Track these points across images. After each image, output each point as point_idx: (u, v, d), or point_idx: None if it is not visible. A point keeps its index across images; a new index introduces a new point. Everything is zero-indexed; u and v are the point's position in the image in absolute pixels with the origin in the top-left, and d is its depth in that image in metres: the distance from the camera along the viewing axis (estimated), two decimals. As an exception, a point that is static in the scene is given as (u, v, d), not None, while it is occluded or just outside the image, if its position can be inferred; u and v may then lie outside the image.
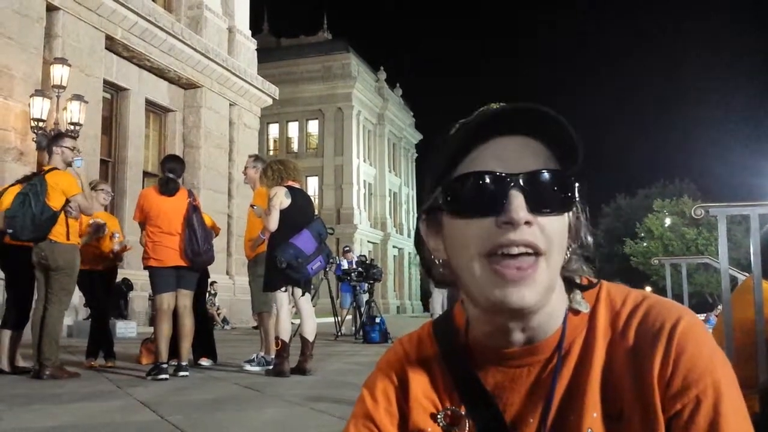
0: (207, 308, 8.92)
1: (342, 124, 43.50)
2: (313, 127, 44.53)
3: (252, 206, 6.42)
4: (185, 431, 3.30)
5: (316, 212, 6.39)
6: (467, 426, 0.86)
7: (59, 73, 11.33)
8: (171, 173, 6.00)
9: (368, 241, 44.24)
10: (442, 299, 11.30)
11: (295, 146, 44.43)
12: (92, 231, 6.27)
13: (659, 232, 44.50)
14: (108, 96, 14.08)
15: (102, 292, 6.61)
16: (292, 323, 6.01)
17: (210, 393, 4.79)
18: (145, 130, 15.28)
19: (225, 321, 15.84)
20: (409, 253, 49.15)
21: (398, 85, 52.00)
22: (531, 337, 0.83)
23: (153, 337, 6.19)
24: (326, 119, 43.71)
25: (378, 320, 10.88)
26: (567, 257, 0.82)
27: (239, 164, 15.92)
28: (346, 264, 12.96)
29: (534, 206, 0.76)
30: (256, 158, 6.91)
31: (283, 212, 5.67)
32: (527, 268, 0.75)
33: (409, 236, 46.31)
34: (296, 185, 5.98)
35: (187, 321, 5.87)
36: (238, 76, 17.49)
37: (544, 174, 0.77)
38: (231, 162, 17.09)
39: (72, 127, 11.20)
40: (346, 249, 14.28)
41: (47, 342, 5.36)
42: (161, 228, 5.80)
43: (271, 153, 42.42)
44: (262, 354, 6.35)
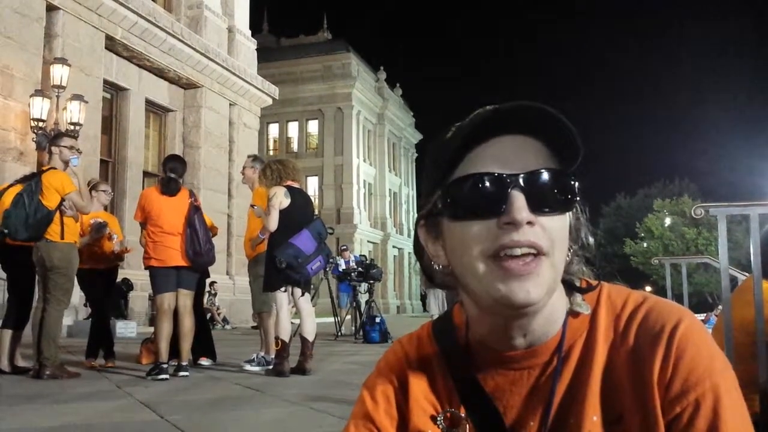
0: (206, 308, 8.94)
1: (342, 124, 43.50)
2: (313, 127, 44.54)
3: (252, 206, 6.42)
4: (185, 431, 3.30)
5: (316, 212, 6.39)
6: (467, 428, 0.86)
7: (59, 73, 11.34)
8: (172, 173, 5.99)
9: (368, 241, 44.24)
10: (439, 300, 11.30)
11: (295, 146, 44.44)
12: (94, 231, 6.27)
13: (659, 232, 44.53)
14: (108, 96, 14.08)
15: (103, 292, 6.61)
16: (292, 323, 6.01)
17: (210, 393, 4.79)
18: (145, 130, 15.28)
19: (225, 321, 15.85)
20: (409, 254, 49.15)
21: (398, 85, 52.02)
22: (531, 340, 0.82)
23: (153, 337, 6.19)
24: (326, 119, 43.71)
25: (378, 320, 10.88)
26: (568, 258, 0.82)
27: (239, 164, 15.88)
28: (344, 264, 12.95)
29: (535, 206, 0.75)
30: (255, 158, 6.91)
31: (283, 212, 5.67)
32: (531, 263, 0.75)
33: (409, 236, 46.31)
34: (296, 185, 5.98)
35: (188, 321, 5.86)
36: (238, 76, 17.49)
37: (545, 173, 0.77)
38: (231, 162, 17.09)
39: (72, 127, 11.21)
40: (343, 248, 14.27)
41: (46, 342, 5.35)
42: (162, 228, 5.79)
43: (271, 153, 42.43)
44: (262, 354, 6.34)
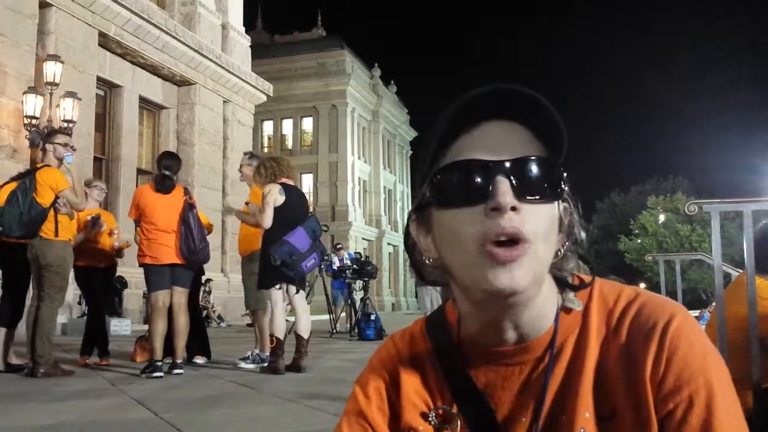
0: (201, 305, 8.92)
1: (336, 121, 43.48)
2: (308, 124, 44.50)
3: (247, 203, 6.42)
4: (180, 429, 3.30)
5: (311, 209, 6.39)
6: (459, 425, 0.86)
7: (52, 70, 11.29)
8: (167, 170, 5.98)
9: (363, 238, 44.24)
10: (432, 297, 11.29)
11: (290, 143, 44.39)
12: (90, 226, 6.25)
13: (653, 229, 44.70)
14: (101, 93, 14.02)
15: (100, 290, 6.59)
16: (287, 320, 6.01)
17: (205, 390, 4.78)
18: (139, 127, 15.23)
19: (220, 318, 15.83)
20: (404, 251, 49.21)
21: (393, 82, 52.00)
22: (522, 335, 0.82)
23: (147, 335, 6.18)
24: (321, 116, 43.67)
25: (373, 317, 10.88)
26: (560, 254, 0.82)
27: (233, 161, 15.92)
28: (338, 262, 12.95)
29: (520, 192, 0.75)
30: (252, 155, 6.89)
31: (278, 209, 5.66)
32: (516, 250, 0.74)
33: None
34: (290, 182, 5.97)
35: (182, 318, 5.86)
36: (232, 73, 17.45)
37: (530, 161, 0.76)
38: (225, 159, 17.06)
39: (65, 125, 11.16)
40: (339, 247, 14.27)
41: (41, 340, 5.34)
42: (157, 225, 5.78)
43: (266, 150, 42.35)
44: (257, 351, 6.34)
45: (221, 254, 16.41)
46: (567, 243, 0.83)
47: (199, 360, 6.59)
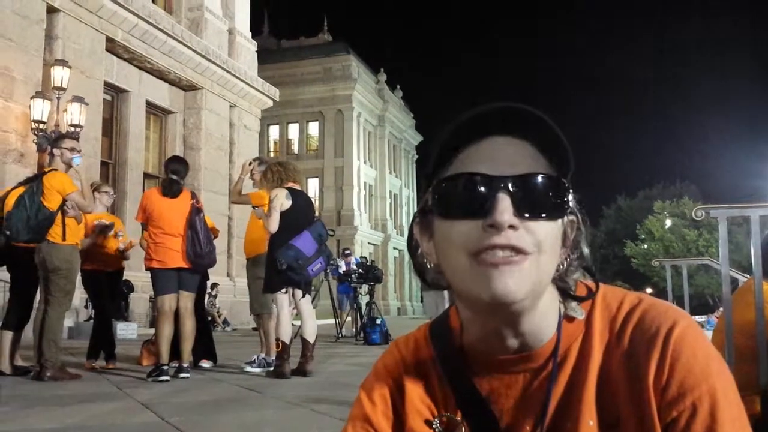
0: (207, 310, 8.94)
1: (342, 126, 43.52)
2: (314, 129, 44.55)
3: (254, 207, 6.43)
4: (186, 433, 3.30)
5: (317, 214, 6.39)
6: None
7: (60, 75, 11.35)
8: (174, 175, 5.99)
9: (369, 243, 44.23)
10: (437, 302, 11.27)
11: (296, 148, 44.45)
12: (97, 231, 6.28)
13: (660, 234, 44.54)
14: (108, 98, 14.10)
15: (107, 294, 6.61)
16: (293, 325, 6.01)
17: (211, 394, 4.78)
18: (146, 132, 15.30)
19: (225, 322, 15.84)
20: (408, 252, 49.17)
21: (399, 87, 52.04)
22: (524, 344, 0.81)
23: (154, 339, 6.19)
24: (326, 121, 43.73)
25: (379, 322, 10.87)
26: (563, 267, 0.81)
27: (240, 166, 15.91)
28: (344, 266, 12.94)
29: (521, 210, 0.74)
30: (261, 161, 6.89)
31: (284, 214, 5.67)
32: (512, 258, 0.73)
33: (410, 238, 46.22)
34: (296, 187, 5.98)
35: (189, 322, 5.86)
36: (239, 78, 17.51)
37: (534, 178, 0.76)
38: (231, 164, 17.10)
39: (72, 129, 11.20)
40: (347, 252, 14.26)
41: (47, 343, 5.35)
42: (163, 229, 5.79)
43: (272, 154, 42.43)
44: (263, 355, 6.34)
45: (227, 258, 16.45)
46: (571, 256, 0.82)
47: (205, 364, 6.59)
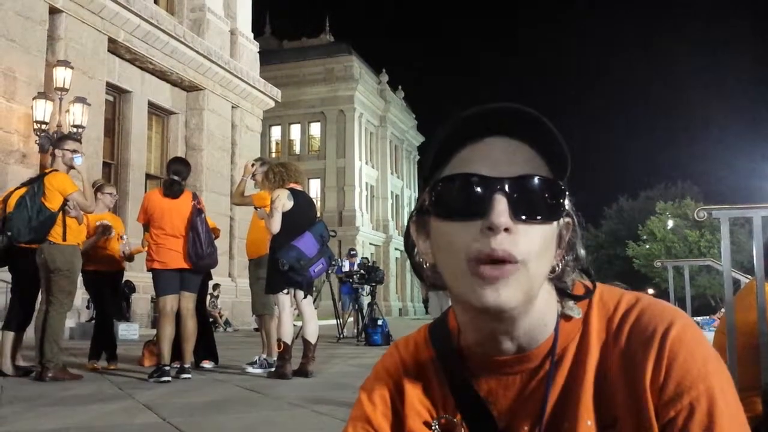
0: (208, 310, 8.94)
1: (344, 126, 43.51)
2: (315, 130, 44.56)
3: (256, 208, 6.43)
4: (187, 433, 3.30)
5: (318, 214, 6.39)
6: None
7: (62, 76, 11.35)
8: (176, 175, 6.00)
9: (370, 244, 44.22)
10: (443, 303, 11.27)
11: (297, 148, 44.45)
12: (99, 232, 6.28)
13: (662, 235, 44.47)
14: (110, 98, 14.11)
15: (108, 295, 6.61)
16: (294, 325, 6.01)
17: (212, 395, 4.78)
18: (148, 133, 15.31)
19: (227, 323, 15.85)
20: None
21: (400, 88, 52.03)
22: (521, 345, 0.81)
23: (155, 340, 6.19)
24: (328, 121, 43.73)
25: (380, 323, 10.87)
26: (559, 269, 0.81)
27: (241, 167, 15.91)
28: (348, 266, 12.94)
29: (517, 212, 0.74)
30: (263, 162, 6.90)
31: (286, 214, 5.67)
32: (504, 269, 0.73)
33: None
34: (298, 187, 5.98)
35: (190, 323, 5.86)
36: (241, 79, 17.52)
37: (531, 180, 0.76)
38: (233, 164, 17.11)
39: (74, 130, 11.22)
40: (353, 253, 14.26)
41: (49, 344, 5.36)
42: (165, 230, 5.79)
43: (273, 155, 42.45)
44: (264, 356, 6.34)
45: (229, 259, 16.45)
46: (567, 258, 0.82)
47: (207, 365, 6.59)
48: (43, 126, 11.03)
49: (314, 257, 5.66)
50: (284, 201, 5.70)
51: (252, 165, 6.73)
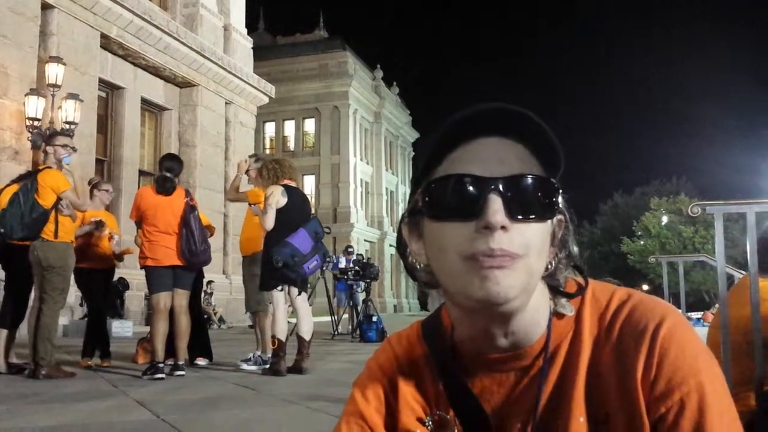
0: (203, 307, 8.92)
1: (339, 123, 43.49)
2: (310, 126, 44.51)
3: (250, 205, 6.42)
4: (182, 430, 3.29)
5: (313, 211, 6.39)
6: (455, 430, 0.86)
7: (54, 72, 11.30)
8: (168, 172, 5.98)
9: (365, 240, 44.23)
10: (440, 300, 11.29)
11: (292, 145, 44.40)
12: (93, 227, 6.25)
13: (656, 231, 44.63)
14: (103, 95, 14.05)
15: (101, 292, 6.59)
16: (289, 322, 6.01)
17: (206, 392, 4.78)
18: (141, 129, 15.25)
19: (221, 320, 15.83)
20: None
21: (395, 84, 52.04)
22: (515, 342, 0.81)
23: (149, 337, 6.18)
24: (323, 117, 43.69)
25: (375, 319, 10.88)
26: (552, 266, 0.81)
27: (235, 163, 15.91)
28: (344, 262, 12.94)
29: (512, 211, 0.74)
30: (257, 158, 6.88)
31: (280, 211, 5.66)
32: (504, 261, 0.73)
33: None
34: (292, 184, 5.97)
35: (184, 320, 5.86)
36: (234, 75, 17.46)
37: (524, 179, 0.76)
38: (227, 161, 17.06)
39: (67, 126, 11.17)
40: (350, 250, 14.23)
41: (42, 341, 5.34)
42: (158, 227, 5.78)
43: (268, 151, 42.37)
44: (259, 353, 6.34)
45: (223, 256, 16.41)
46: (559, 255, 0.82)
47: (201, 362, 6.59)
48: (36, 123, 10.97)
49: (308, 254, 5.65)
50: (278, 197, 5.69)
51: (246, 162, 6.72)
